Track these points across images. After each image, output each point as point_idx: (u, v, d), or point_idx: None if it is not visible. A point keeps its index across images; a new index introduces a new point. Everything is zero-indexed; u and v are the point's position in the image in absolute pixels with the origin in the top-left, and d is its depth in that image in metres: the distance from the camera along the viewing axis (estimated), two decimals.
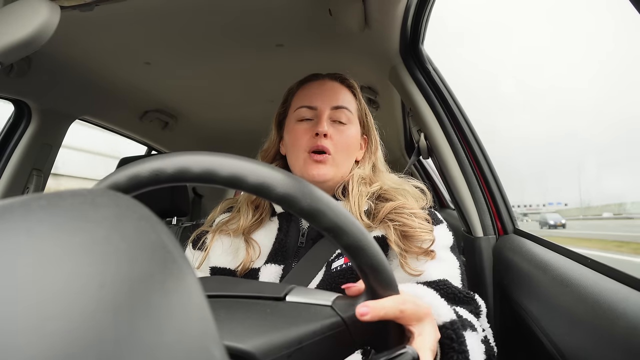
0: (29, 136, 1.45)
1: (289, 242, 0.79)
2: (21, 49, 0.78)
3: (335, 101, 0.82)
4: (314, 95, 0.84)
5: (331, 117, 0.82)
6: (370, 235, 0.39)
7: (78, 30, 1.12)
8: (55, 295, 0.16)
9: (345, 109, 0.83)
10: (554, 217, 34.12)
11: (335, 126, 0.82)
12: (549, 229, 30.47)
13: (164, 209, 1.42)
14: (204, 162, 0.37)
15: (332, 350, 0.39)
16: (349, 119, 0.83)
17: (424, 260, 0.71)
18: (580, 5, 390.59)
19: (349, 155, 0.82)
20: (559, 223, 31.95)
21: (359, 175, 0.81)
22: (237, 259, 0.78)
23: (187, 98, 1.80)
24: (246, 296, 0.46)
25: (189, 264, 0.22)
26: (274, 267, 0.76)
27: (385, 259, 0.39)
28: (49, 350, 0.14)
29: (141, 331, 0.17)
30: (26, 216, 0.19)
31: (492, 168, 1.13)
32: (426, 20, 1.09)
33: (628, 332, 0.46)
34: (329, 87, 0.85)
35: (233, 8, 1.08)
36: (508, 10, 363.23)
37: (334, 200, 0.38)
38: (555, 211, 59.61)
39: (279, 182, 0.37)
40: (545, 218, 33.47)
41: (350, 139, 0.82)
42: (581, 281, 0.61)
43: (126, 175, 0.38)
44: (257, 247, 0.78)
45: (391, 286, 0.40)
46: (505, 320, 0.98)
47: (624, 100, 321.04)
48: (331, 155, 0.79)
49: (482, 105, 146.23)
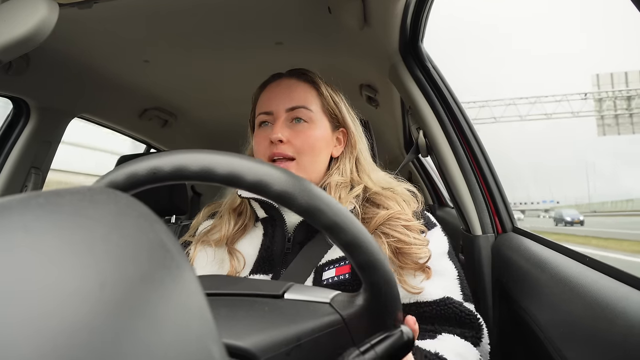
0: (27, 134, 1.45)
1: (275, 249, 0.76)
2: (20, 46, 0.78)
3: (289, 102, 0.78)
4: (270, 99, 0.80)
5: (289, 118, 0.78)
6: (368, 233, 0.39)
7: (76, 28, 1.12)
8: (53, 294, 0.16)
9: (303, 108, 0.78)
10: (571, 214, 30.35)
11: (294, 128, 0.77)
12: (565, 226, 27.38)
13: (163, 207, 1.42)
14: (201, 160, 0.37)
15: (331, 347, 0.39)
16: (310, 118, 0.78)
17: (421, 276, 0.70)
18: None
19: (316, 156, 0.78)
20: (576, 220, 28.69)
21: (336, 181, 0.77)
22: (223, 270, 0.76)
23: (187, 96, 1.79)
24: (244, 294, 0.46)
25: (188, 263, 0.22)
26: (262, 277, 0.74)
27: (383, 256, 0.39)
28: (47, 349, 0.14)
29: (140, 330, 0.17)
30: (24, 214, 0.19)
31: (491, 166, 1.13)
32: (426, 18, 1.09)
33: (627, 331, 0.46)
34: (285, 87, 0.81)
35: (232, 6, 1.08)
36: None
37: (331, 197, 0.38)
38: (549, 208, 56.68)
39: (276, 180, 0.37)
40: (561, 214, 30.36)
41: (313, 139, 0.77)
42: (580, 279, 0.61)
43: (124, 173, 0.38)
44: (242, 257, 0.76)
45: (390, 284, 0.40)
46: (504, 318, 0.98)
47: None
48: (294, 160, 0.76)
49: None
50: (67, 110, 1.56)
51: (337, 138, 0.83)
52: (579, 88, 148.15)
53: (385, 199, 0.77)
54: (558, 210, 32.79)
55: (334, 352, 0.39)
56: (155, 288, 0.19)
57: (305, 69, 0.85)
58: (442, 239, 0.78)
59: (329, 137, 0.81)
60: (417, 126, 1.29)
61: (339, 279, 0.70)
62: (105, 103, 1.66)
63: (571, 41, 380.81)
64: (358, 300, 0.41)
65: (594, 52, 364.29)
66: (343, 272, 0.70)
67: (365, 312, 0.40)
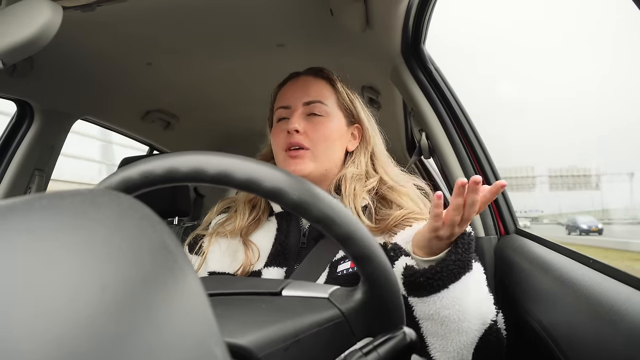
0: (31, 136, 1.45)
1: (290, 243, 0.77)
2: (24, 49, 0.78)
3: (306, 96, 0.82)
4: (288, 95, 0.84)
5: (306, 112, 0.81)
6: (362, 225, 0.39)
7: (80, 31, 1.13)
8: (56, 296, 0.16)
9: (319, 102, 0.82)
10: (587, 221, 24.43)
11: (311, 120, 0.81)
12: (579, 235, 22.16)
13: (165, 208, 1.42)
14: (191, 162, 0.38)
15: (331, 342, 0.39)
16: (326, 112, 0.82)
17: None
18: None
19: (329, 147, 0.81)
20: (593, 228, 22.96)
21: (352, 173, 0.80)
22: (236, 262, 0.77)
23: (189, 98, 1.80)
24: (243, 293, 0.46)
25: (190, 264, 0.22)
26: (276, 270, 0.75)
27: (378, 248, 0.39)
28: (50, 350, 0.14)
29: (142, 332, 0.17)
30: (28, 216, 0.19)
31: (494, 168, 1.12)
32: (428, 20, 1.09)
33: (630, 333, 0.46)
34: (302, 83, 0.85)
35: (234, 8, 1.08)
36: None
37: (323, 191, 0.38)
38: (535, 217, 50.01)
39: (266, 177, 0.37)
40: (575, 221, 24.48)
41: (328, 131, 0.80)
42: (583, 282, 0.61)
43: (118, 179, 0.38)
44: (256, 249, 0.77)
45: (387, 276, 0.40)
46: (507, 320, 0.97)
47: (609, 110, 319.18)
48: (309, 150, 0.78)
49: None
50: (71, 112, 1.57)
51: (352, 133, 0.86)
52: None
53: (399, 195, 0.78)
54: (571, 216, 26.53)
55: (335, 347, 0.39)
56: (158, 290, 0.19)
57: (321, 67, 0.88)
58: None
59: (343, 131, 0.84)
60: (420, 128, 1.29)
61: (354, 270, 0.70)
62: (108, 105, 1.66)
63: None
64: (357, 293, 0.41)
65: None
66: None
67: (365, 305, 0.40)
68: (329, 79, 0.86)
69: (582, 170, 54.91)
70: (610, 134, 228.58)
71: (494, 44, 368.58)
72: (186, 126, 2.06)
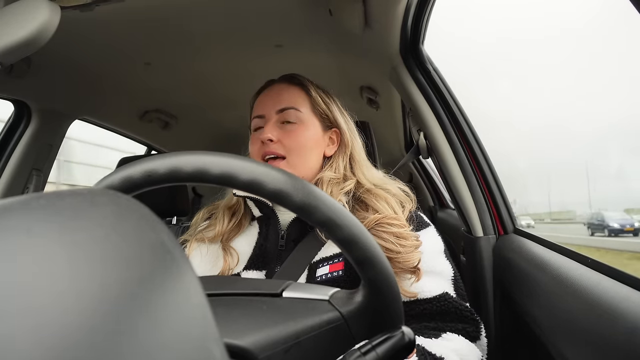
0: (29, 136, 1.45)
1: (269, 246, 0.77)
2: (21, 49, 0.78)
3: (279, 104, 0.81)
4: (262, 104, 0.84)
5: (280, 120, 0.81)
6: (365, 228, 0.39)
7: (78, 31, 1.12)
8: (54, 295, 0.16)
9: (292, 109, 0.81)
10: (619, 219, 16.99)
11: (284, 128, 0.80)
12: (608, 237, 16.01)
13: (164, 208, 1.42)
14: (195, 162, 0.37)
15: (331, 345, 0.38)
16: (300, 119, 0.81)
17: (413, 277, 0.70)
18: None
19: (305, 155, 0.80)
20: (627, 227, 16.21)
21: (329, 177, 0.79)
22: (216, 267, 0.77)
23: (187, 98, 1.80)
24: (243, 293, 0.46)
25: (189, 264, 0.22)
26: (255, 273, 0.75)
27: (381, 252, 0.39)
28: (47, 350, 0.14)
29: (141, 331, 0.17)
30: (26, 215, 0.19)
31: (492, 167, 1.13)
32: (426, 20, 1.09)
33: (629, 333, 0.46)
34: (275, 91, 0.84)
35: (232, 8, 1.08)
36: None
37: (326, 194, 0.38)
38: (548, 213, 44.42)
39: (270, 178, 0.37)
40: (603, 218, 17.21)
41: (303, 139, 0.80)
42: (582, 281, 0.61)
43: (120, 177, 0.38)
44: (236, 254, 0.77)
45: (389, 280, 0.40)
46: (506, 320, 0.98)
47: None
48: (285, 159, 0.78)
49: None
50: (69, 112, 1.56)
51: (330, 138, 0.86)
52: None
53: (376, 199, 0.77)
54: (597, 213, 19.01)
55: (335, 349, 0.39)
56: (156, 289, 0.19)
57: (294, 73, 0.88)
58: (436, 239, 0.78)
59: (319, 137, 0.83)
60: (418, 128, 1.29)
61: (333, 276, 0.70)
62: (106, 105, 1.66)
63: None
64: (357, 296, 0.41)
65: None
66: (337, 269, 0.71)
67: (365, 309, 0.40)
68: (302, 85, 0.85)
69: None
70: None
71: (494, 42, 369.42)
72: (184, 126, 2.06)
